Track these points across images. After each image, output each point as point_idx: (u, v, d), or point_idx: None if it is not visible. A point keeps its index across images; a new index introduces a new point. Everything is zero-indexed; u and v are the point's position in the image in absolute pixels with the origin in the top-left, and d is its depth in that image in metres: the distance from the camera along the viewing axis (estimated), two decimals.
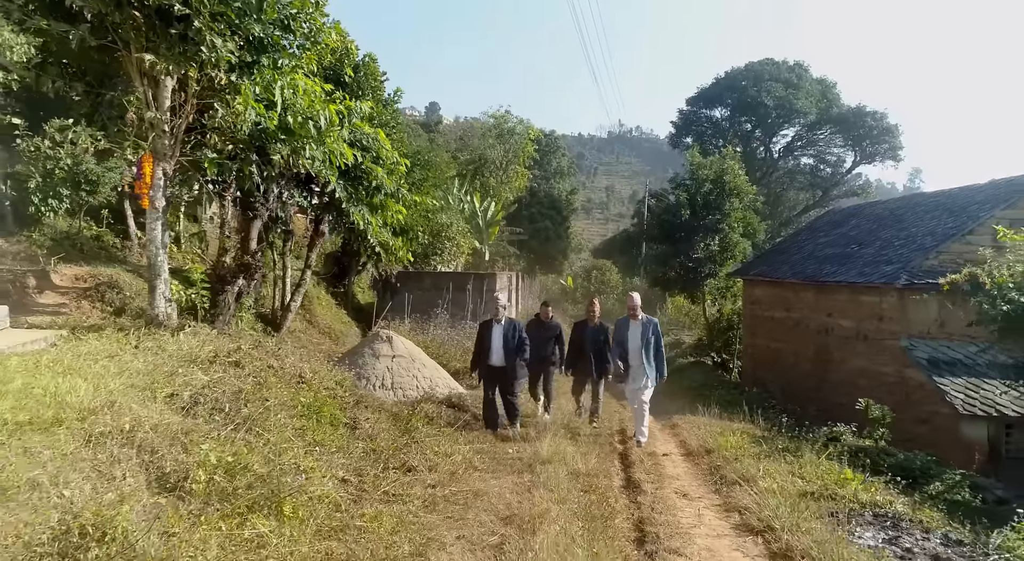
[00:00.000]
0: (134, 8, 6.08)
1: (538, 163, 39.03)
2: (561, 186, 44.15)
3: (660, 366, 7.71)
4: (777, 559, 3.84)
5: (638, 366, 7.68)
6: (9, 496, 2.64)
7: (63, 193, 10.84)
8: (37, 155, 10.44)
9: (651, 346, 7.68)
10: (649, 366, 7.62)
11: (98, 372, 4.96)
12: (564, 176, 46.06)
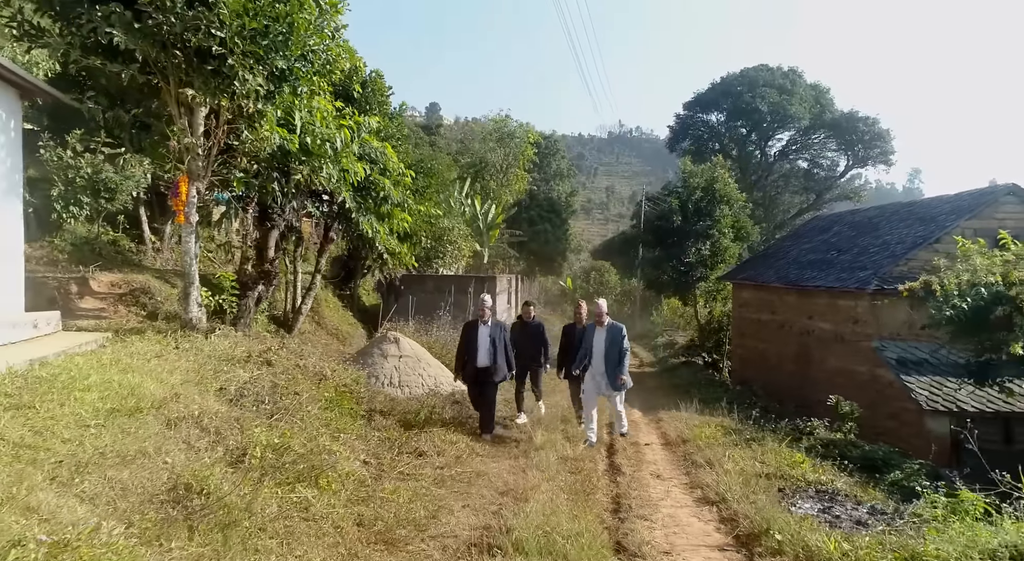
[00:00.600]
0: (176, 49, 6.95)
1: (538, 166, 39.83)
2: (560, 188, 44.96)
3: (623, 371, 7.70)
4: (725, 522, 4.71)
5: (601, 372, 7.74)
6: (127, 462, 3.52)
7: (83, 200, 11.69)
8: (60, 164, 11.27)
9: (616, 352, 7.73)
10: (613, 372, 7.67)
11: (154, 369, 5.84)
12: (564, 178, 46.86)
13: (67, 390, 4.71)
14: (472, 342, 7.98)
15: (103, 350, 6.52)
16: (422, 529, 4.23)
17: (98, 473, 3.29)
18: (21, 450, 3.41)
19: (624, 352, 7.84)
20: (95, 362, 5.72)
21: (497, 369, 7.83)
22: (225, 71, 7.20)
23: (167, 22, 6.63)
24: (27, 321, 6.94)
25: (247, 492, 3.75)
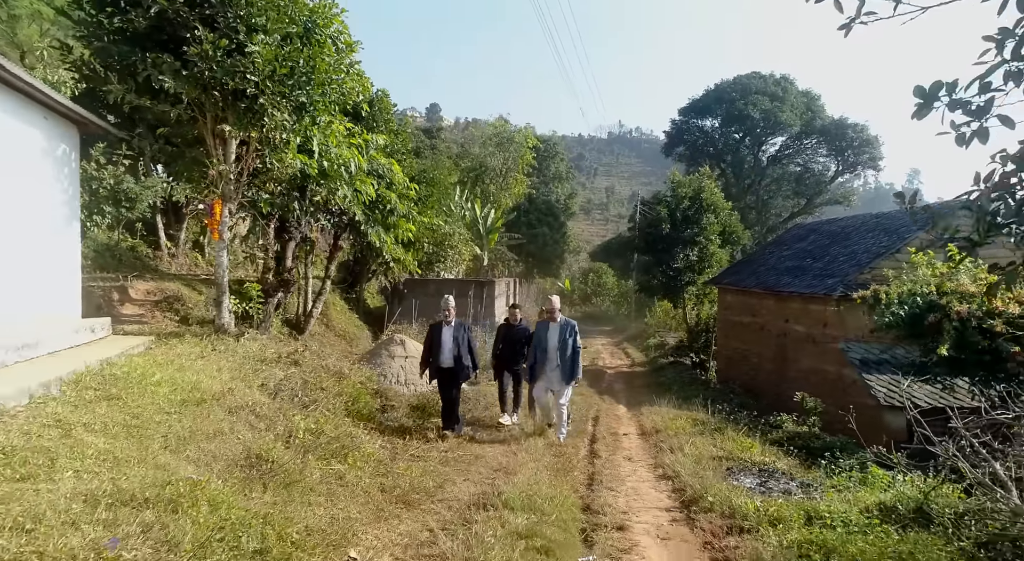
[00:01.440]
0: (215, 90, 8.09)
1: (537, 170, 40.93)
2: (559, 191, 46.07)
3: (575, 368, 7.91)
4: (675, 492, 5.84)
5: (554, 368, 7.95)
6: (211, 438, 4.67)
7: (106, 210, 12.82)
8: (84, 176, 12.36)
9: (567, 348, 7.90)
10: (564, 367, 7.89)
11: (203, 368, 6.99)
12: (562, 180, 47.95)
13: (141, 385, 5.86)
14: (436, 342, 8.10)
15: (152, 352, 7.66)
16: (432, 495, 5.37)
17: (194, 444, 4.44)
18: (131, 429, 4.56)
19: (577, 349, 8.00)
20: (152, 362, 6.87)
21: (461, 368, 8.02)
22: (256, 108, 8.36)
23: (209, 69, 7.78)
24: (86, 327, 8.08)
25: (298, 463, 4.91)
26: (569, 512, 5.01)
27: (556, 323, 8.12)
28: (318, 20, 8.95)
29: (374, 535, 4.28)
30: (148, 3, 7.59)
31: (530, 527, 4.38)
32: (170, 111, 8.09)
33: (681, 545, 4.62)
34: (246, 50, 7.91)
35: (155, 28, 7.86)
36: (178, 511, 3.27)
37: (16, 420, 4.42)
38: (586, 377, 16.34)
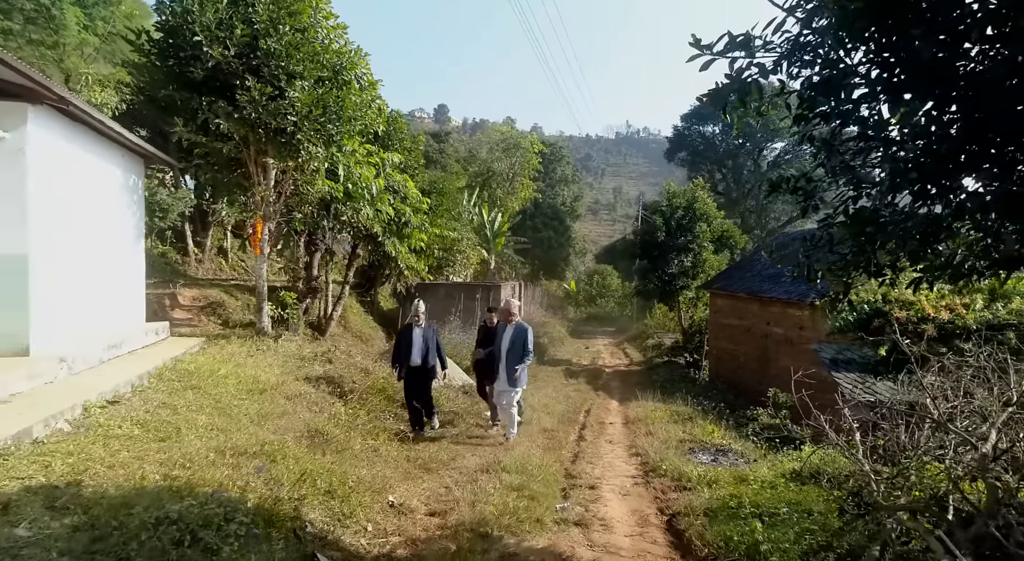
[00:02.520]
0: (260, 129, 9.62)
1: (543, 173, 42.33)
2: (565, 193, 47.50)
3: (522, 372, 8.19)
4: (642, 465, 7.31)
5: (503, 367, 8.21)
6: (280, 417, 6.21)
7: None
8: None
9: (519, 350, 8.16)
10: (510, 369, 8.14)
11: (256, 365, 8.52)
12: (568, 183, 49.35)
13: (213, 378, 7.41)
14: (407, 343, 8.54)
15: (208, 351, 9.21)
16: (446, 464, 6.87)
17: (270, 421, 5.98)
18: (219, 409, 6.10)
19: (527, 351, 8.24)
20: (212, 359, 8.41)
21: (429, 368, 8.53)
22: (294, 143, 9.90)
23: (255, 111, 9.31)
24: (151, 330, 9.65)
25: (344, 437, 6.43)
26: (553, 476, 6.51)
27: (511, 326, 8.38)
28: (345, 64, 10.49)
29: (404, 488, 5.80)
30: (206, 57, 9.11)
31: (521, 483, 5.88)
32: (222, 147, 9.64)
33: (636, 498, 6.10)
34: (287, 95, 9.43)
35: (210, 77, 9.38)
36: (276, 461, 4.81)
37: (132, 403, 5.98)
38: (585, 375, 17.84)
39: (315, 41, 9.95)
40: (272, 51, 9.32)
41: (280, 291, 12.08)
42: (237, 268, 22.52)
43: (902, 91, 3.17)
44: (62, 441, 4.62)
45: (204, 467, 4.38)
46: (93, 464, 4.18)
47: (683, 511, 5.45)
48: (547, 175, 44.76)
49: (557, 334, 25.04)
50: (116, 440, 4.76)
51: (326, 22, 10.31)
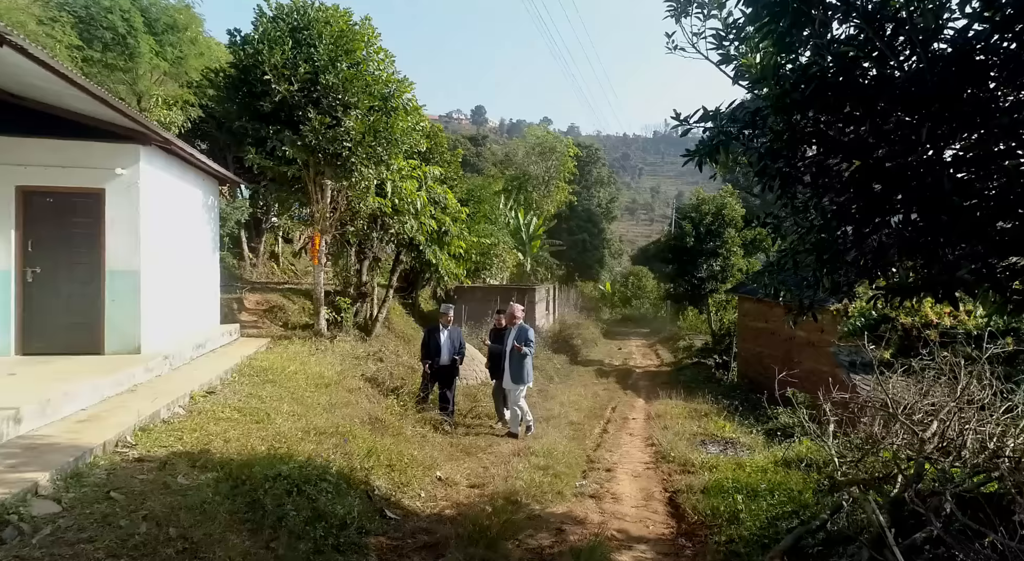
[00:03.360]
0: (319, 154, 10.95)
1: (578, 177, 43.25)
2: (601, 195, 48.31)
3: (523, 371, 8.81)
4: (655, 454, 8.35)
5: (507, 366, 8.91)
6: (344, 406, 7.49)
7: None
8: None
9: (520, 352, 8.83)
10: (514, 369, 8.82)
11: (318, 363, 9.84)
12: (604, 185, 50.11)
13: (284, 373, 8.73)
14: (435, 343, 9.42)
15: (274, 350, 10.58)
16: (484, 450, 8.05)
17: (338, 410, 7.26)
18: (294, 400, 7.40)
19: (529, 342, 8.93)
20: (280, 358, 9.75)
21: (455, 366, 9.51)
22: (348, 166, 11.19)
23: (316, 139, 10.64)
24: (226, 331, 11.08)
25: (398, 424, 7.68)
26: (576, 460, 7.62)
27: (514, 327, 9.09)
28: (394, 92, 11.77)
29: (449, 466, 7.00)
30: (274, 93, 10.49)
31: (547, 465, 7.02)
32: (287, 170, 11.03)
33: (646, 479, 7.17)
34: (343, 123, 10.74)
35: (277, 109, 10.75)
36: (348, 440, 6.06)
37: (225, 393, 7.31)
38: (615, 375, 18.84)
39: (367, 73, 11.24)
40: (330, 85, 10.65)
41: (332, 295, 13.45)
42: (287, 272, 24.22)
43: (828, 156, 4.19)
44: (183, 421, 5.96)
45: (295, 442, 5.65)
46: (213, 438, 5.48)
47: (683, 489, 6.51)
48: (583, 177, 45.60)
49: (590, 335, 26.00)
50: (223, 421, 6.08)
51: (376, 55, 11.62)
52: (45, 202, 7.62)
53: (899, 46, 3.35)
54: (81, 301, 7.76)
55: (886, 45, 3.32)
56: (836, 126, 4.05)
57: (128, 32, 17.13)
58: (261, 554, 3.86)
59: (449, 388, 9.55)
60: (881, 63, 3.42)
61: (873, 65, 3.50)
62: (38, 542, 3.32)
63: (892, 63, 3.38)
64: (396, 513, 5.41)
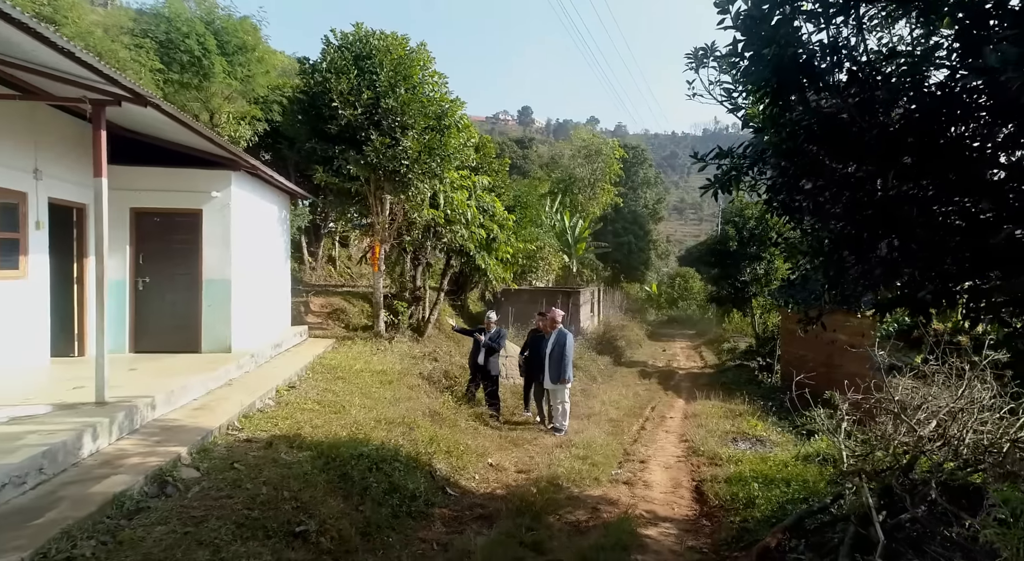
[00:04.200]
0: (379, 171, 12.07)
1: (624, 179, 43.66)
2: (647, 196, 48.60)
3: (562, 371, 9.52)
4: (687, 449, 9.11)
5: (547, 368, 9.66)
6: (406, 400, 8.55)
7: None
8: None
9: (560, 352, 9.58)
10: (552, 370, 9.59)
11: (380, 362, 10.95)
12: (651, 186, 50.37)
13: (352, 371, 9.86)
14: (476, 346, 10.62)
15: (339, 350, 11.74)
16: (530, 442, 8.97)
17: (401, 404, 8.31)
18: (363, 394, 8.49)
19: (565, 356, 9.59)
20: (346, 357, 10.89)
21: (491, 366, 10.45)
22: (406, 181, 12.29)
23: (376, 158, 11.75)
24: (296, 332, 12.32)
25: (454, 417, 8.69)
26: (613, 452, 8.48)
27: (555, 331, 9.90)
28: (447, 110, 12.81)
29: (499, 455, 7.97)
30: (340, 117, 11.65)
31: (586, 455, 7.90)
32: (350, 186, 12.21)
33: (676, 470, 7.98)
34: (401, 143, 11.84)
35: (342, 131, 11.92)
36: (413, 429, 7.09)
37: (304, 388, 8.45)
38: (657, 376, 19.50)
39: (423, 96, 12.32)
40: (390, 108, 11.77)
41: (388, 299, 14.61)
42: (343, 274, 25.69)
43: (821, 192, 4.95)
44: (274, 410, 7.09)
45: (369, 429, 6.70)
46: (302, 425, 6.58)
47: (708, 479, 7.29)
48: (629, 179, 45.97)
49: (634, 337, 26.63)
50: (308, 412, 7.19)
51: (431, 78, 12.69)
52: (153, 221, 8.94)
53: (865, 113, 4.11)
54: (182, 306, 9.05)
55: (856, 109, 4.10)
56: (827, 167, 4.83)
57: (203, 54, 18.73)
58: (353, 515, 4.88)
59: (494, 385, 10.49)
60: (852, 122, 4.19)
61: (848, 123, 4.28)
62: (192, 497, 4.42)
63: (862, 121, 4.15)
64: (455, 490, 6.40)
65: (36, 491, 4.10)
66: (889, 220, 4.44)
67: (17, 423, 5.01)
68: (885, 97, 3.92)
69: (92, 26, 18.75)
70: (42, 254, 7.45)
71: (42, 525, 3.59)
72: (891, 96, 4.03)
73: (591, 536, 5.31)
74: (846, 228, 4.93)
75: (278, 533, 4.17)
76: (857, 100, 4.08)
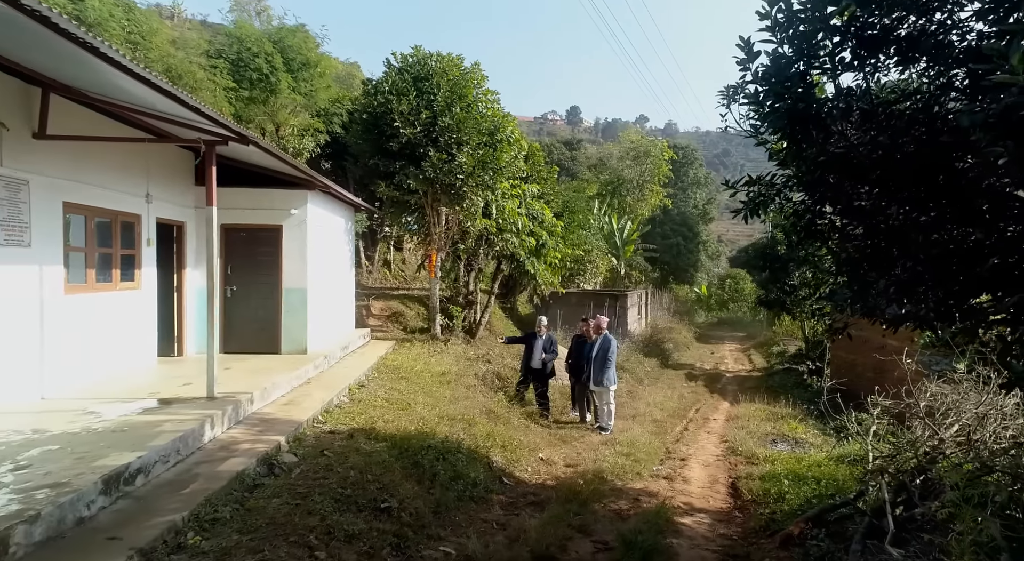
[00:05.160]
0: (436, 185, 13.00)
1: (674, 178, 43.71)
2: (697, 196, 48.48)
3: (604, 374, 10.20)
4: (726, 449, 9.68)
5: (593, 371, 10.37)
6: (463, 399, 9.43)
7: None
8: None
9: (601, 358, 10.32)
10: (596, 373, 10.29)
11: (438, 363, 11.88)
12: (700, 186, 50.19)
13: (413, 371, 10.79)
14: (529, 349, 11.37)
15: (399, 351, 12.72)
16: (577, 439, 9.72)
17: (460, 402, 9.20)
18: (425, 393, 9.40)
19: (608, 359, 10.31)
20: (406, 358, 11.85)
21: (546, 368, 11.21)
22: (460, 194, 13.18)
23: (434, 173, 12.68)
24: (360, 334, 13.37)
25: (507, 415, 9.53)
26: (655, 450, 9.15)
27: (599, 337, 10.61)
28: (498, 126, 13.65)
29: (548, 450, 8.75)
30: (401, 136, 12.63)
31: (630, 452, 8.60)
32: (409, 199, 13.19)
33: (714, 468, 8.60)
34: (456, 159, 12.73)
35: (402, 148, 12.90)
36: (471, 425, 7.96)
37: (372, 387, 9.41)
38: (704, 378, 19.94)
39: (477, 113, 13.20)
40: (447, 126, 12.68)
41: (443, 302, 15.56)
42: (397, 277, 26.87)
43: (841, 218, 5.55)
44: (350, 406, 8.06)
45: (434, 425, 7.60)
46: (375, 420, 7.51)
47: (744, 476, 7.90)
48: (678, 179, 45.97)
49: (682, 339, 26.99)
50: (378, 408, 8.13)
51: (485, 97, 13.56)
52: (239, 236, 10.07)
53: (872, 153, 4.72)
54: (264, 312, 10.16)
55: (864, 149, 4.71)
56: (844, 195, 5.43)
57: (271, 72, 20.12)
58: (426, 496, 5.75)
59: (544, 386, 11.30)
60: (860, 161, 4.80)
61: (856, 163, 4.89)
62: (295, 477, 5.36)
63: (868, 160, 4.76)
64: (510, 480, 7.22)
65: (176, 468, 5.11)
66: (901, 244, 5.04)
67: (149, 413, 6.08)
68: (886, 142, 4.54)
69: (171, 47, 20.40)
70: (151, 267, 8.63)
71: (189, 494, 4.57)
72: (896, 137, 4.64)
73: (631, 522, 6.04)
74: (867, 248, 5.53)
75: (367, 507, 5.05)
76: (864, 141, 4.70)
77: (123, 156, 7.86)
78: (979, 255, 4.55)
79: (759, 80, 4.86)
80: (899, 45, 4.76)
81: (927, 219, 4.87)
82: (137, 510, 4.23)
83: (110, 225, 7.80)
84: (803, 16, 4.81)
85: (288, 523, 4.37)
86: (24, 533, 3.46)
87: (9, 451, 4.73)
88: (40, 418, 5.76)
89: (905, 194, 4.76)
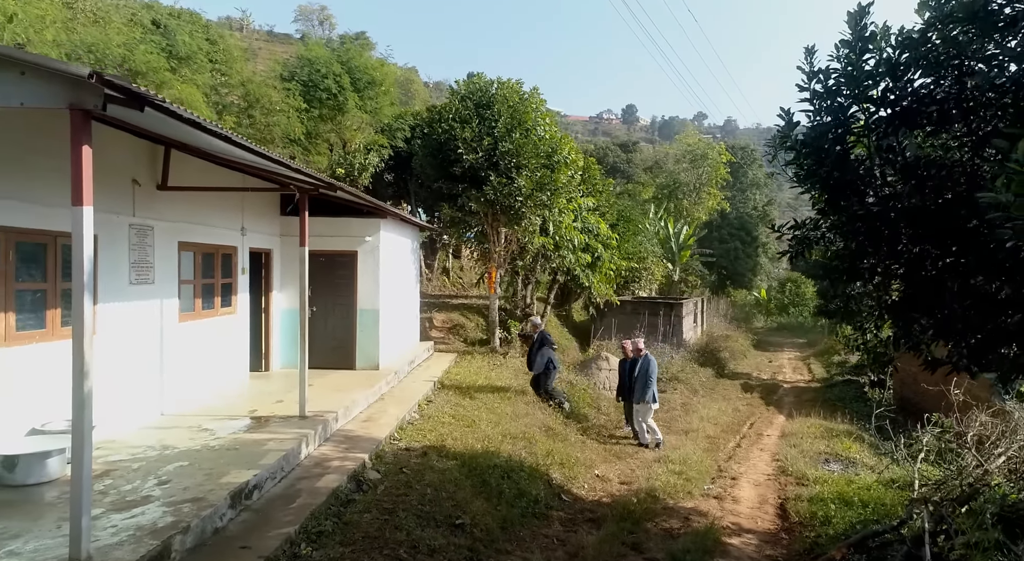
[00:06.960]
0: (496, 206, 13.73)
1: (732, 180, 43.24)
2: (756, 198, 47.80)
3: (645, 392, 10.81)
4: (778, 468, 10.04)
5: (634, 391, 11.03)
6: (524, 416, 10.13)
7: None
8: None
9: (640, 378, 10.93)
10: (637, 391, 10.93)
11: (498, 376, 12.60)
12: (759, 187, 49.45)
13: (475, 386, 11.55)
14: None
15: (460, 364, 13.51)
16: (631, 456, 10.27)
17: (520, 419, 9.90)
18: (488, 409, 10.13)
19: (648, 378, 10.92)
20: (467, 371, 12.63)
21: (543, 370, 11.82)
22: (519, 215, 13.88)
23: (494, 196, 13.41)
24: (424, 347, 14.24)
25: (564, 432, 10.16)
26: (707, 469, 9.62)
27: (641, 358, 11.24)
28: (556, 148, 14.28)
29: (604, 467, 9.35)
30: (464, 161, 13.41)
31: (681, 470, 9.10)
32: (471, 219, 13.98)
33: (764, 488, 9.01)
34: (515, 182, 13.43)
35: (465, 172, 13.68)
36: (532, 442, 8.64)
37: (438, 403, 10.19)
38: (760, 389, 20.03)
39: (535, 137, 13.87)
40: (507, 151, 13.40)
41: (501, 314, 16.31)
42: (456, 284, 27.81)
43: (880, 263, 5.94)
44: (421, 422, 8.86)
45: (498, 443, 8.31)
46: (445, 437, 8.27)
47: (793, 498, 8.30)
48: (736, 181, 45.42)
49: (739, 347, 26.93)
50: (446, 425, 8.90)
51: (543, 121, 14.21)
52: (319, 261, 11.02)
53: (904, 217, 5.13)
54: (341, 331, 11.10)
55: (898, 213, 5.13)
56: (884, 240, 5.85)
57: (339, 92, 21.30)
58: (494, 513, 6.46)
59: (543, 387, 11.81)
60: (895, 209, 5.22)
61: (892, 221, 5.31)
62: (380, 493, 6.15)
63: (900, 222, 5.18)
64: (568, 497, 7.86)
65: (282, 484, 5.97)
66: (937, 290, 5.44)
67: (252, 431, 7.01)
68: (919, 203, 4.96)
69: (245, 66, 21.81)
70: (245, 293, 9.66)
71: (296, 508, 5.40)
72: (925, 195, 5.06)
73: (681, 541, 6.59)
74: (909, 288, 5.94)
75: (443, 523, 5.79)
76: (899, 195, 5.12)
77: (225, 196, 8.88)
78: (1006, 308, 4.93)
79: (798, 147, 5.35)
80: (932, 113, 5.18)
81: (960, 269, 5.26)
82: (257, 522, 5.08)
83: (212, 257, 8.83)
84: (838, 90, 5.29)
85: (380, 537, 5.14)
86: (180, 542, 4.32)
87: (150, 466, 5.68)
88: (164, 434, 6.76)
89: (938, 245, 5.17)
